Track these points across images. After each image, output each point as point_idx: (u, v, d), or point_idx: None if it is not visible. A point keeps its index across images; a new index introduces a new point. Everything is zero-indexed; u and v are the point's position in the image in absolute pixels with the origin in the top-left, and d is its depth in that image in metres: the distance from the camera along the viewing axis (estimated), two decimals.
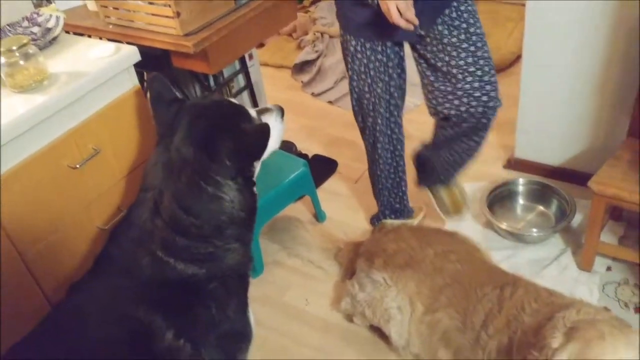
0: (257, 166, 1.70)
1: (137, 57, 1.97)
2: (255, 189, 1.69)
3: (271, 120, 1.77)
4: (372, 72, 2.19)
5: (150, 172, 1.61)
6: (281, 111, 1.83)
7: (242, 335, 1.72)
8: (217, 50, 2.28)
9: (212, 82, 2.89)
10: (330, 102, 3.84)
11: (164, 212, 1.54)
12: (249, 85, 2.99)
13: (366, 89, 2.24)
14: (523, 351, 1.58)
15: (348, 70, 2.27)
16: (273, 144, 1.77)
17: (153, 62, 2.43)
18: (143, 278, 1.54)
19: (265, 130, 1.57)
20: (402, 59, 2.23)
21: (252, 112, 1.73)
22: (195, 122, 1.58)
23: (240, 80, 3.02)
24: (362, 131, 2.46)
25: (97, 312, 1.49)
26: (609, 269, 2.35)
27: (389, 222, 2.63)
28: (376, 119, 2.32)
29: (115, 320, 1.47)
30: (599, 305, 2.18)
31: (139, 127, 2.03)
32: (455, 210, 2.67)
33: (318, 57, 4.19)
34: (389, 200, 2.60)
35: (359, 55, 2.17)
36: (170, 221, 1.54)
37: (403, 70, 2.27)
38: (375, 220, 2.72)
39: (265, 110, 1.81)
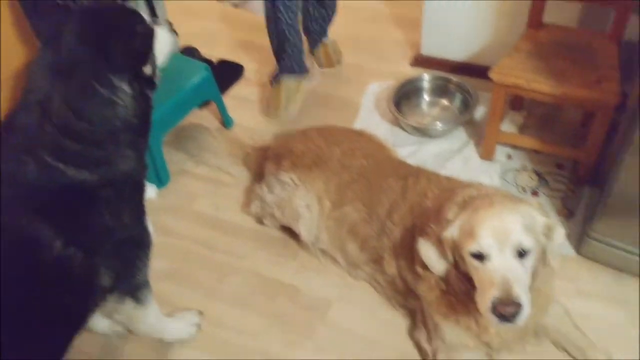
0: (157, 72, 1.62)
1: None
2: (152, 96, 1.62)
3: (163, 31, 1.68)
4: None
5: (36, 75, 1.48)
6: (170, 25, 1.75)
7: (140, 243, 1.67)
8: None
9: None
10: (235, 5, 3.67)
11: (53, 116, 1.44)
12: None
13: None
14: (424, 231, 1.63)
15: None
16: (166, 54, 1.70)
17: None
18: (28, 186, 1.44)
19: (150, 34, 1.54)
20: None
21: (146, 16, 1.63)
22: (88, 22, 1.48)
23: None
24: None
25: None
26: (509, 157, 2.43)
27: (286, 80, 2.72)
28: None
29: None
30: None
31: (9, 29, 1.85)
32: (328, 64, 3.04)
33: None
34: (288, 39, 2.63)
35: None
36: (61, 125, 1.44)
37: None
38: (273, 80, 2.78)
39: (155, 22, 1.72)
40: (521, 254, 1.41)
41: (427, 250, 1.55)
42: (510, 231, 1.40)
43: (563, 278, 1.95)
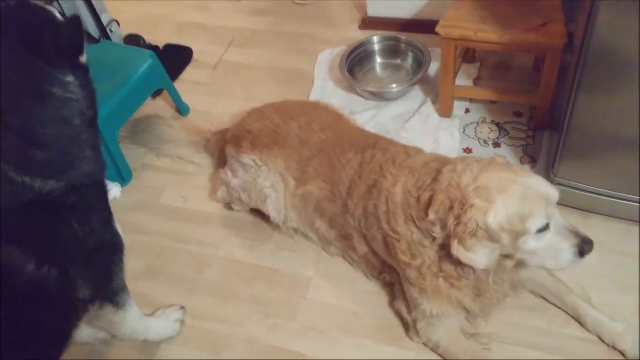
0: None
1: None
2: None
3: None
4: None
5: None
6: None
7: (112, 247, 1.63)
8: None
9: None
10: None
11: (14, 128, 1.38)
12: None
13: None
14: (409, 221, 1.61)
15: None
16: None
17: None
18: None
19: (78, 22, 1.44)
20: None
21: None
22: (7, 31, 1.39)
23: None
24: None
25: None
26: (467, 111, 2.44)
27: None
28: None
29: None
30: (461, 146, 2.29)
31: None
32: None
33: None
34: None
35: None
36: (24, 136, 1.39)
37: None
38: None
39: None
40: None
41: (477, 255, 1.48)
42: (549, 192, 1.47)
43: None
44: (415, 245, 1.60)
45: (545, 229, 1.45)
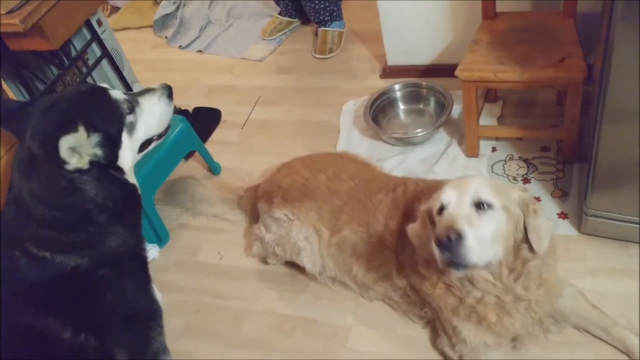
0: (121, 155, 1.62)
1: None
2: (125, 177, 1.63)
3: (152, 101, 1.73)
4: None
5: (13, 172, 1.53)
6: (167, 90, 1.78)
7: (149, 313, 1.66)
8: (53, 22, 2.09)
9: (65, 59, 2.69)
10: (200, 51, 3.71)
11: (25, 208, 1.48)
12: (106, 54, 2.81)
13: None
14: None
15: None
16: (155, 128, 1.76)
17: None
18: (24, 281, 1.46)
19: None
20: None
21: (117, 94, 1.63)
22: (41, 117, 1.50)
23: (96, 50, 2.83)
24: None
25: None
26: (494, 149, 2.45)
27: None
28: None
29: (4, 335, 1.39)
30: None
31: None
32: (320, 51, 3.28)
33: (178, 8, 4.01)
34: None
35: None
36: (34, 216, 1.47)
37: None
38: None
39: (147, 91, 1.74)
40: (480, 206, 1.43)
41: (410, 230, 1.62)
42: (470, 184, 1.45)
43: (570, 259, 1.97)
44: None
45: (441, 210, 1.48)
